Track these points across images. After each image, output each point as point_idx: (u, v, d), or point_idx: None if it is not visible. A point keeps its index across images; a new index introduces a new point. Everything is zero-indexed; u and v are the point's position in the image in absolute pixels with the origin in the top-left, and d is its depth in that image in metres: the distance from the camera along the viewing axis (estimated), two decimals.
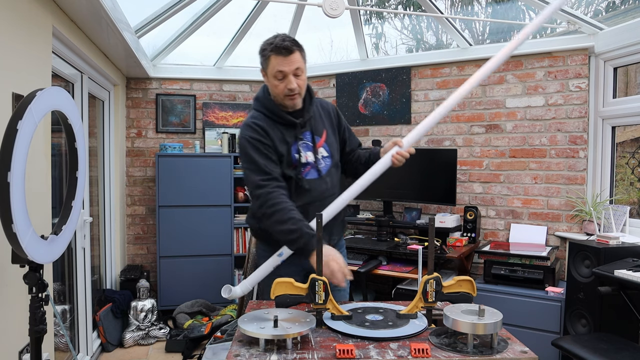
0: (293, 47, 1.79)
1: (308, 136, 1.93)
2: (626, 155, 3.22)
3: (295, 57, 1.80)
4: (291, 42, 1.81)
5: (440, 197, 3.41)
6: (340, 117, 2.08)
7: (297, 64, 1.80)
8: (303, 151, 1.89)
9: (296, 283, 1.40)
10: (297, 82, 1.82)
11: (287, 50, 1.78)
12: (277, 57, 1.79)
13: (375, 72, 3.89)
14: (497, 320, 1.23)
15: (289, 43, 1.79)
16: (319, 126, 1.97)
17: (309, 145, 1.92)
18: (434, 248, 1.80)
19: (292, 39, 1.83)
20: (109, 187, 3.79)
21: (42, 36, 2.11)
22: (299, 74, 1.83)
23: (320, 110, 2.02)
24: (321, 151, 1.94)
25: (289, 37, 1.84)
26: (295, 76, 1.82)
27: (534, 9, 3.73)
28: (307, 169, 1.89)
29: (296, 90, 1.83)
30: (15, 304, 1.77)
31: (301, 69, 1.83)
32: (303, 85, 1.86)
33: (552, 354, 2.66)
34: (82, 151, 1.77)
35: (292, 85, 1.81)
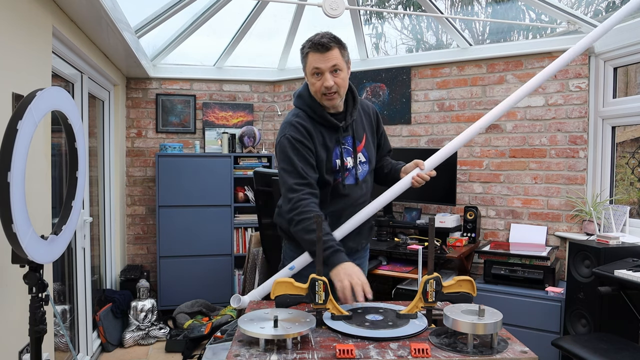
0: (330, 43, 1.72)
1: (349, 141, 1.86)
2: (626, 155, 3.22)
3: (333, 54, 1.72)
4: (330, 38, 1.73)
5: (440, 197, 3.41)
6: (379, 122, 2.00)
7: (334, 60, 1.72)
8: (345, 156, 1.83)
9: (296, 283, 1.40)
10: (334, 80, 1.74)
11: (324, 47, 1.71)
12: (314, 54, 1.73)
13: (375, 72, 3.89)
14: (497, 320, 1.23)
15: (326, 39, 1.72)
16: (359, 130, 1.90)
17: (350, 151, 1.85)
18: (434, 248, 1.80)
19: (331, 36, 1.75)
20: (109, 187, 3.79)
21: (42, 36, 2.11)
22: (336, 72, 1.74)
23: (362, 113, 1.94)
24: (360, 157, 1.88)
25: (330, 34, 1.76)
26: (332, 73, 1.73)
27: (534, 8, 3.73)
28: (346, 175, 1.84)
29: (333, 88, 1.74)
30: (15, 304, 1.77)
31: (339, 66, 1.74)
32: (342, 84, 1.77)
33: (552, 354, 2.66)
34: (82, 151, 1.77)
35: (328, 83, 1.73)
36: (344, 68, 1.77)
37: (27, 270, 1.47)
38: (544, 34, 3.73)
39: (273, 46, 4.28)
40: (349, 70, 1.82)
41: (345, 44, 1.80)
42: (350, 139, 1.86)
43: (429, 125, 3.71)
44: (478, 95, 3.52)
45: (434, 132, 3.69)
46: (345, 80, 1.79)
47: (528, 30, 3.98)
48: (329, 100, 1.77)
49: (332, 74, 1.74)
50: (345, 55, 1.78)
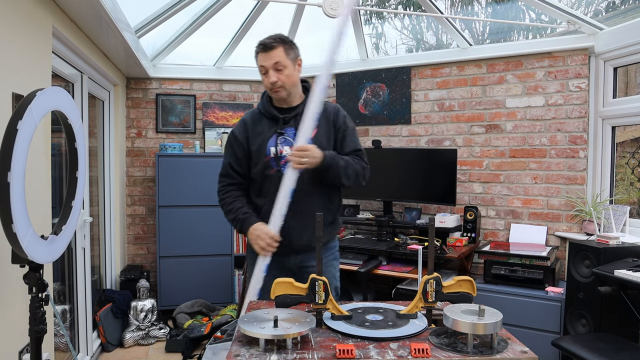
0: (273, 43, 1.90)
1: (291, 132, 1.99)
2: (626, 155, 3.22)
3: (275, 53, 1.90)
4: (274, 39, 1.91)
5: (440, 197, 3.41)
6: (338, 119, 2.05)
7: (276, 58, 1.90)
8: (280, 145, 1.98)
9: (296, 283, 1.40)
10: (277, 76, 1.92)
11: (267, 47, 1.90)
12: (261, 54, 1.93)
13: (375, 72, 3.89)
14: (497, 320, 1.23)
15: (270, 40, 1.91)
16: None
17: (289, 141, 1.98)
18: (434, 248, 1.80)
19: (277, 37, 1.92)
20: (109, 187, 3.79)
21: (42, 36, 2.11)
22: (279, 69, 1.91)
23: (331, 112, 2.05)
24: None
25: (277, 35, 1.94)
26: (276, 70, 1.91)
27: (534, 8, 3.73)
28: (282, 162, 1.96)
29: (277, 84, 1.92)
30: (15, 304, 1.77)
31: (282, 63, 1.91)
32: (286, 80, 1.93)
33: (552, 354, 2.66)
34: (82, 151, 1.77)
35: (271, 79, 1.92)
36: (289, 65, 1.93)
37: (27, 270, 1.47)
38: (544, 34, 3.73)
39: None
40: (297, 67, 1.98)
41: (292, 44, 1.96)
42: (293, 130, 1.99)
43: (429, 125, 3.72)
44: (478, 95, 3.52)
45: (434, 132, 3.69)
46: (291, 76, 1.95)
47: (528, 30, 3.98)
48: (275, 94, 1.97)
49: (276, 71, 1.92)
50: (291, 54, 1.94)
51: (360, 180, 2.01)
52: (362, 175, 2.01)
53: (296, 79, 1.99)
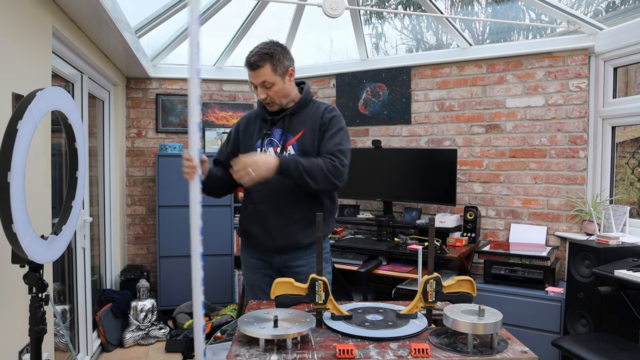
0: (259, 61, 1.87)
1: (277, 133, 1.99)
2: (626, 155, 3.22)
3: (262, 72, 1.88)
4: (260, 55, 1.87)
5: (440, 197, 3.41)
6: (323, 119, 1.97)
7: (263, 77, 1.88)
8: (266, 146, 1.98)
9: (296, 283, 1.40)
10: (266, 92, 1.92)
11: (253, 66, 1.89)
12: (249, 71, 1.92)
13: (375, 72, 3.89)
14: (497, 320, 1.23)
15: (255, 58, 1.88)
16: (296, 125, 1.98)
17: (274, 142, 1.98)
18: (434, 248, 1.80)
19: (262, 53, 1.88)
20: (109, 187, 3.79)
21: (42, 36, 2.11)
22: (267, 86, 1.91)
23: (311, 111, 2.02)
24: (289, 149, 1.96)
25: (262, 49, 1.89)
26: (264, 88, 1.91)
27: (534, 8, 3.73)
28: None
29: (267, 99, 1.94)
30: (15, 304, 1.77)
31: (269, 81, 1.89)
32: (275, 95, 1.93)
33: (552, 354, 2.66)
34: (82, 151, 1.77)
35: (260, 96, 1.93)
36: (277, 81, 1.91)
37: (27, 270, 1.47)
38: (544, 34, 3.73)
39: None
40: (288, 79, 1.95)
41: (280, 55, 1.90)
42: (279, 132, 1.99)
43: (429, 125, 3.72)
44: (478, 95, 3.52)
45: (434, 132, 3.69)
46: (280, 91, 1.93)
47: (528, 30, 3.98)
48: (268, 107, 2.00)
49: (264, 88, 1.91)
50: (279, 68, 1.90)
51: (333, 181, 1.85)
52: (334, 174, 1.85)
53: (288, 91, 1.97)
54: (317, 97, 4.18)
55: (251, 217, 2.02)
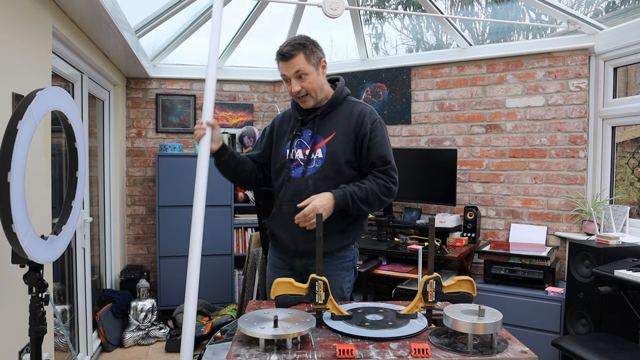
0: (292, 51, 1.82)
1: (307, 135, 1.92)
2: (626, 155, 3.22)
3: (295, 61, 1.82)
4: (292, 45, 1.83)
5: (440, 197, 3.41)
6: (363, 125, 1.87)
7: (297, 67, 1.83)
8: (295, 148, 1.93)
9: (296, 283, 1.40)
10: (301, 84, 1.85)
11: (286, 56, 1.83)
12: (281, 63, 1.86)
13: (375, 72, 3.89)
14: (497, 320, 1.23)
15: (288, 47, 1.83)
16: (327, 127, 1.90)
17: (304, 144, 1.92)
18: (434, 248, 1.80)
19: (295, 43, 1.83)
20: (109, 187, 3.79)
21: (42, 36, 2.11)
22: (302, 76, 1.84)
23: (344, 112, 1.92)
24: (317, 152, 1.88)
25: (295, 40, 1.85)
26: (299, 79, 1.85)
27: (534, 8, 3.73)
28: (293, 165, 1.92)
29: (301, 92, 1.86)
30: (15, 304, 1.77)
31: (304, 70, 1.83)
32: (310, 86, 1.86)
33: (552, 354, 2.66)
34: (82, 151, 1.77)
35: (294, 89, 1.86)
36: (311, 71, 1.85)
37: (27, 270, 1.47)
38: (544, 34, 3.73)
39: (273, 46, 4.27)
40: (322, 70, 1.90)
41: (312, 45, 1.87)
42: (309, 133, 1.92)
43: (429, 125, 3.72)
44: (478, 95, 3.52)
45: (434, 132, 3.69)
46: (315, 82, 1.86)
47: (528, 30, 3.98)
48: (302, 103, 1.92)
49: (298, 79, 1.85)
50: (313, 58, 1.85)
51: (387, 201, 1.85)
52: (387, 194, 1.83)
53: (322, 83, 1.90)
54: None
55: (277, 218, 1.96)
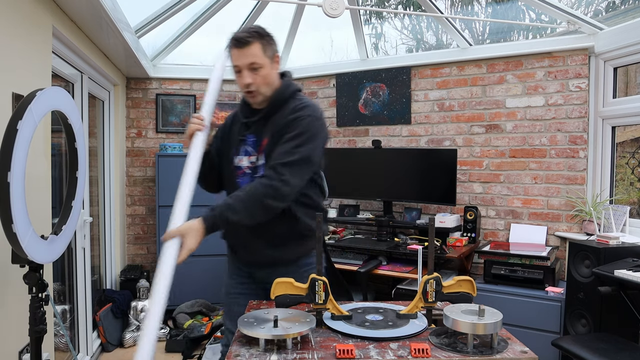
0: (249, 37, 1.63)
1: (251, 140, 1.75)
2: (626, 155, 3.22)
3: (251, 50, 1.64)
4: (249, 32, 1.64)
5: (440, 197, 3.41)
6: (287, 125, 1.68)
7: (252, 57, 1.64)
8: (240, 155, 1.77)
9: (296, 283, 1.40)
10: (253, 77, 1.66)
11: (241, 42, 1.64)
12: (234, 50, 1.67)
13: (375, 72, 3.89)
14: (497, 320, 1.23)
15: (245, 34, 1.64)
16: (267, 130, 1.72)
17: (248, 150, 1.76)
18: (434, 248, 1.80)
19: (252, 30, 1.66)
20: (109, 187, 3.79)
21: (42, 36, 2.10)
22: (255, 68, 1.66)
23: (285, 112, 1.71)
24: (261, 159, 1.72)
25: (253, 27, 1.68)
26: (251, 71, 1.66)
27: (534, 8, 3.73)
28: (239, 173, 1.77)
29: (252, 87, 1.68)
30: (15, 304, 1.77)
31: (258, 63, 1.65)
32: (262, 82, 1.67)
33: (552, 354, 2.66)
34: (82, 151, 1.77)
35: (245, 80, 1.67)
36: (266, 64, 1.67)
37: (27, 270, 1.47)
38: (544, 34, 3.73)
39: None
40: (275, 65, 1.72)
41: (270, 37, 1.69)
42: (253, 138, 1.75)
43: (429, 125, 3.72)
44: (478, 95, 3.52)
45: (434, 132, 3.69)
46: (268, 77, 1.68)
47: (528, 30, 3.98)
48: (250, 98, 1.73)
49: (250, 71, 1.66)
50: (268, 50, 1.68)
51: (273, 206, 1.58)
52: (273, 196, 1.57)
53: (273, 79, 1.72)
54: (317, 97, 4.18)
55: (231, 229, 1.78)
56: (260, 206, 1.57)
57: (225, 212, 1.54)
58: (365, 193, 3.71)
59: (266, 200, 1.57)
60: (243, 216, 1.55)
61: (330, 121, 4.13)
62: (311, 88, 4.22)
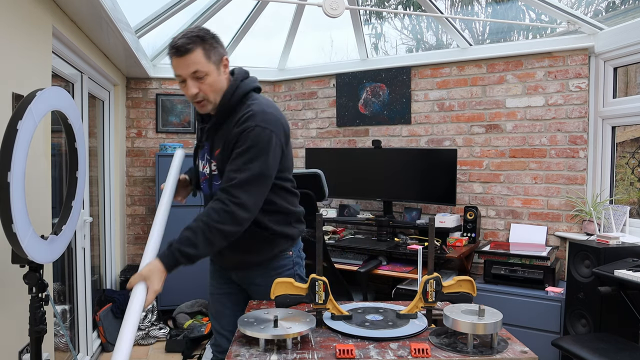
0: (189, 44, 1.50)
1: (207, 147, 1.70)
2: (626, 155, 3.22)
3: (193, 58, 1.51)
4: (189, 38, 1.51)
5: (440, 197, 3.41)
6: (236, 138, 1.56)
7: (194, 65, 1.51)
8: (202, 159, 1.72)
9: (296, 283, 1.40)
10: (198, 86, 1.54)
11: (180, 51, 1.51)
12: (174, 59, 1.54)
13: (375, 72, 3.89)
14: (497, 320, 1.23)
15: (184, 40, 1.50)
16: (217, 140, 1.65)
17: (205, 157, 1.71)
18: (434, 248, 1.80)
19: (192, 35, 1.52)
20: (109, 187, 3.79)
21: (42, 36, 2.10)
22: (200, 77, 1.53)
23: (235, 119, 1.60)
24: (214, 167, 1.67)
25: (193, 31, 1.53)
26: (196, 80, 1.54)
27: (534, 8, 3.73)
28: (203, 179, 1.75)
29: (199, 96, 1.57)
30: (15, 304, 1.77)
31: (202, 72, 1.52)
32: (209, 89, 1.56)
33: (552, 354, 2.66)
34: (82, 151, 1.77)
35: (191, 91, 1.55)
36: (211, 71, 1.54)
37: (27, 270, 1.47)
38: (544, 34, 3.73)
39: (273, 46, 4.28)
40: (223, 69, 1.60)
41: (212, 40, 1.55)
42: (207, 146, 1.69)
43: (429, 125, 3.72)
44: (478, 95, 3.52)
45: (434, 132, 3.69)
46: (215, 84, 1.56)
47: (528, 30, 3.98)
48: (201, 108, 1.62)
49: (195, 80, 1.54)
50: (213, 55, 1.55)
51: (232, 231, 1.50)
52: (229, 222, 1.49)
53: (222, 85, 1.59)
54: (317, 97, 4.18)
55: None
56: (218, 235, 1.49)
57: (183, 247, 1.46)
58: (365, 193, 3.71)
59: (223, 227, 1.48)
60: (202, 248, 1.48)
61: (330, 121, 4.13)
62: (311, 88, 4.22)
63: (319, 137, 4.22)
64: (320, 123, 4.20)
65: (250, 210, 1.53)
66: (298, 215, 1.80)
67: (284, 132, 1.63)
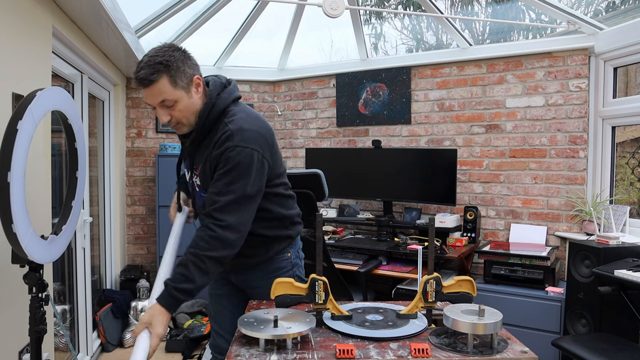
0: (152, 75, 1.45)
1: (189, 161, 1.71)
2: (626, 155, 3.22)
3: (158, 88, 1.47)
4: (152, 67, 1.45)
5: (440, 197, 3.41)
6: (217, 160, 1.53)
7: (161, 95, 1.48)
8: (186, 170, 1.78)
9: (296, 283, 1.40)
10: (170, 113, 1.53)
11: (144, 82, 1.47)
12: (142, 89, 1.51)
13: (375, 72, 3.89)
14: (497, 320, 1.23)
15: (147, 70, 1.45)
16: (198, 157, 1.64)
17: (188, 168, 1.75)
18: (434, 248, 1.80)
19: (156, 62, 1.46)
20: (109, 187, 3.79)
21: (42, 36, 2.10)
22: (169, 105, 1.51)
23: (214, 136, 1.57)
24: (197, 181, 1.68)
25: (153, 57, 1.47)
26: (166, 108, 1.52)
27: (534, 8, 3.73)
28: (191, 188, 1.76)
29: (172, 122, 1.56)
30: (15, 304, 1.77)
31: (170, 100, 1.50)
32: (181, 114, 1.54)
33: (552, 354, 2.66)
34: (82, 151, 1.77)
35: (162, 119, 1.54)
36: (181, 97, 1.51)
37: (27, 270, 1.47)
38: (544, 34, 3.73)
39: (273, 46, 4.28)
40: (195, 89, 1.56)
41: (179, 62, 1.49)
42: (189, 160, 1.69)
43: (429, 125, 3.72)
44: (478, 95, 3.52)
45: (434, 132, 3.69)
46: (186, 108, 1.53)
47: (528, 30, 3.98)
48: (178, 130, 1.61)
49: (165, 108, 1.52)
50: (181, 80, 1.50)
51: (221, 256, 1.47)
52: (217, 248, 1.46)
53: (196, 106, 1.56)
54: (317, 97, 4.18)
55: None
56: (210, 262, 1.46)
57: (179, 285, 1.43)
58: (365, 193, 3.72)
59: (214, 254, 1.46)
60: (199, 279, 1.44)
61: (330, 121, 4.13)
62: (311, 88, 4.23)
63: (319, 137, 4.22)
64: (320, 123, 4.20)
65: (239, 230, 1.50)
66: (293, 218, 1.78)
67: (267, 144, 1.58)
